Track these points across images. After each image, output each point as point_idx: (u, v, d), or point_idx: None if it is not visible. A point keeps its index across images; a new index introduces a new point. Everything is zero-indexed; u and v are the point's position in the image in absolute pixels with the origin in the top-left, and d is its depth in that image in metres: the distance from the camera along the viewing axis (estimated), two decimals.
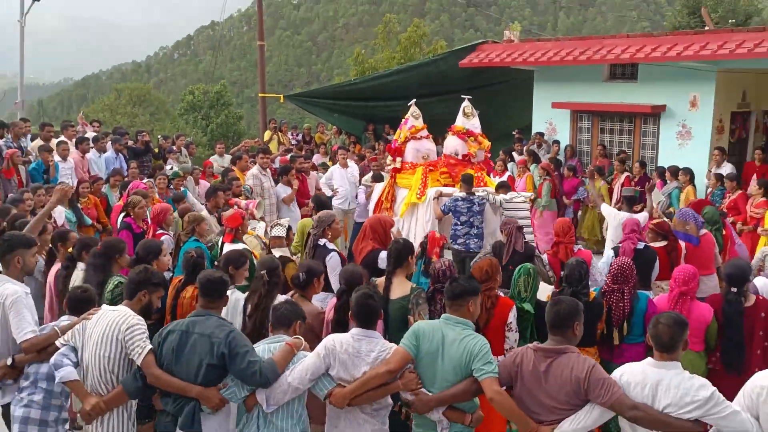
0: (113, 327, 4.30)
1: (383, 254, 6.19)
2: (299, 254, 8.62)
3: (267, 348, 4.32)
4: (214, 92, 37.41)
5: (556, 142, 14.42)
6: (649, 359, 3.90)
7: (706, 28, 16.59)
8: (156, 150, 14.00)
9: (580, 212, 13.05)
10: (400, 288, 5.32)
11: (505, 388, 4.07)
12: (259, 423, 4.22)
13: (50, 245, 6.79)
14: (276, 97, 19.78)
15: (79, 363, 4.42)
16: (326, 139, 17.73)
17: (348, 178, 11.95)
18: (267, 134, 17.53)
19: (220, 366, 4.19)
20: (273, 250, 7.05)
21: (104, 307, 4.57)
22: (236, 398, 4.23)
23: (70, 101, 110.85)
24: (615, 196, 12.03)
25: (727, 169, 11.82)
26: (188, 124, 35.85)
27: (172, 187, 10.78)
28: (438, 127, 12.38)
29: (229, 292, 5.05)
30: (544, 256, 7.40)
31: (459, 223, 9.42)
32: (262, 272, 5.24)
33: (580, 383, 3.79)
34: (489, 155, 11.00)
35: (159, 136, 16.59)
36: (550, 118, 14.86)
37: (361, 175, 12.15)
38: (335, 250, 6.80)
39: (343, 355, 4.20)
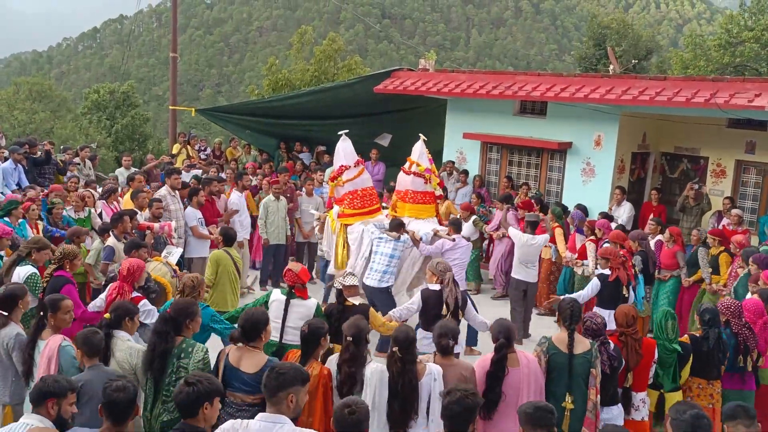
0: None
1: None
2: (213, 286, 8.50)
3: None
4: (121, 92, 36.20)
5: (465, 171, 14.69)
6: None
7: (611, 66, 17.36)
8: (61, 164, 13.39)
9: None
10: (582, 343, 5.72)
11: None
12: None
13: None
14: (188, 110, 19.31)
15: None
16: (237, 155, 17.47)
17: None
18: (176, 147, 17.13)
19: None
20: (349, 299, 6.86)
21: None
22: None
23: None
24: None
25: (626, 208, 12.36)
26: (91, 123, 34.55)
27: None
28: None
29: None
30: None
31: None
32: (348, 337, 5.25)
33: None
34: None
35: (60, 148, 15.89)
36: (460, 147, 15.13)
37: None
38: None
39: None
